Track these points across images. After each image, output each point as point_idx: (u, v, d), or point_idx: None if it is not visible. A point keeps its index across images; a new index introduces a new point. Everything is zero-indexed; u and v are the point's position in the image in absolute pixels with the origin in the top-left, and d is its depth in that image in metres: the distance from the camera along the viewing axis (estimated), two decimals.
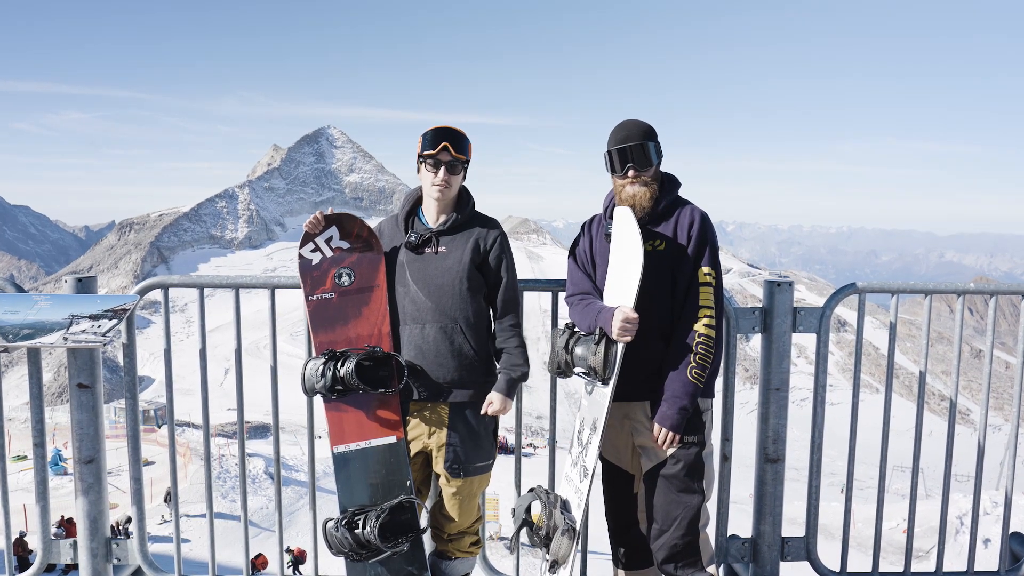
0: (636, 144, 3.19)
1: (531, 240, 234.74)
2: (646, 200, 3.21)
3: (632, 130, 3.22)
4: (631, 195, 3.21)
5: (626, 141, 3.21)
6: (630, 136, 3.21)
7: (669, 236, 3.21)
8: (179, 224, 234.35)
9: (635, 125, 3.22)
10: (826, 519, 8.20)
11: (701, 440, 3.20)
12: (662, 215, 3.25)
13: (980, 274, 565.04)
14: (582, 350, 3.17)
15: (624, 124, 3.27)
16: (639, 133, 3.21)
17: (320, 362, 3.29)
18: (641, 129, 3.22)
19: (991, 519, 16.00)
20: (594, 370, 3.12)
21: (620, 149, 3.20)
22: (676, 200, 3.30)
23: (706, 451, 3.23)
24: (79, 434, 3.68)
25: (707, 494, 3.26)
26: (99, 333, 3.38)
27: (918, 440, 3.82)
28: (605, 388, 3.15)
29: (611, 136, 3.27)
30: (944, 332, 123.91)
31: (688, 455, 3.17)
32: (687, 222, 3.21)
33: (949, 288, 3.74)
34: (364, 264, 3.42)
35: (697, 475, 3.19)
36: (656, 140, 3.25)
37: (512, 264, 3.41)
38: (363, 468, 3.38)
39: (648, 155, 3.21)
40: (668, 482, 3.18)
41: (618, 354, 3.08)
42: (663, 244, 3.20)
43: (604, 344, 3.08)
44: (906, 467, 3.85)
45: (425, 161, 3.28)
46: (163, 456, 27.44)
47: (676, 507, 3.17)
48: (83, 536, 3.77)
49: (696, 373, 3.10)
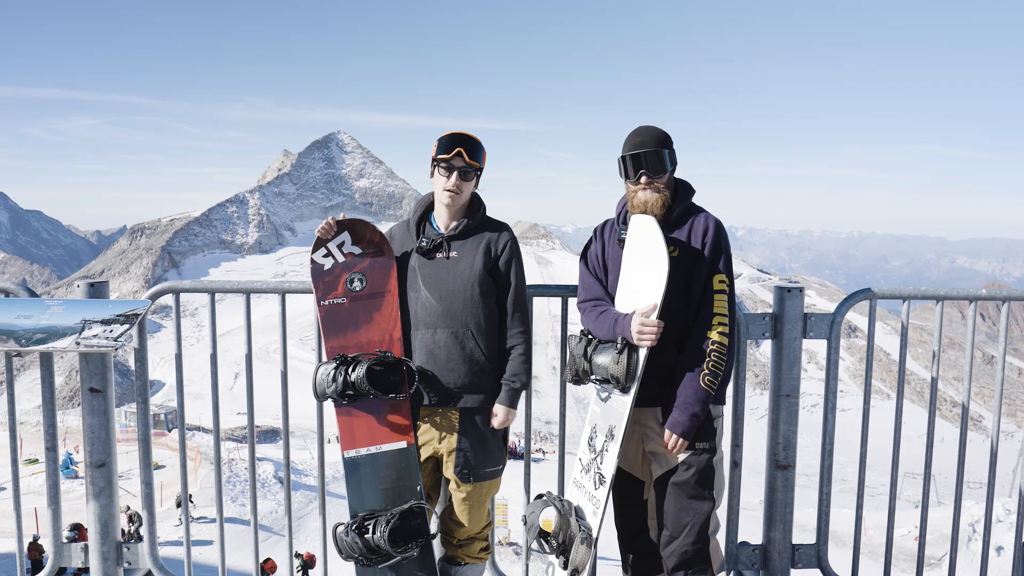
0: (650, 151, 3.15)
1: (540, 245, 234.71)
2: (657, 207, 3.19)
3: (646, 136, 3.18)
4: (643, 201, 3.20)
5: (640, 147, 3.17)
6: (644, 142, 3.18)
7: (683, 243, 3.19)
8: (190, 229, 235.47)
9: (649, 131, 3.19)
10: (837, 526, 8.16)
11: (712, 447, 3.19)
12: (676, 222, 3.23)
13: (992, 279, 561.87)
14: (603, 359, 3.15)
15: (639, 130, 3.23)
16: (653, 139, 3.18)
17: (331, 367, 3.29)
18: (655, 135, 3.19)
19: (1004, 527, 15.89)
20: (616, 378, 3.09)
21: (633, 155, 3.17)
22: (690, 207, 3.28)
23: (716, 457, 3.22)
24: (90, 438, 3.69)
25: (717, 501, 3.24)
26: (111, 337, 3.40)
27: (930, 447, 3.80)
28: (625, 396, 3.14)
29: (625, 142, 3.23)
30: (956, 338, 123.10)
31: (699, 462, 3.15)
32: (701, 229, 3.19)
33: (961, 294, 3.73)
34: (376, 269, 3.43)
35: (708, 482, 3.17)
36: (671, 147, 3.21)
37: (521, 269, 3.41)
38: (373, 473, 3.39)
39: (662, 162, 3.17)
40: (679, 489, 3.17)
41: (640, 362, 3.08)
42: (677, 251, 3.17)
43: (627, 353, 3.08)
44: (918, 474, 3.83)
45: (439, 165, 3.29)
46: (174, 460, 27.48)
47: (687, 514, 3.15)
48: (94, 540, 3.78)
49: (709, 380, 3.08)
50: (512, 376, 3.35)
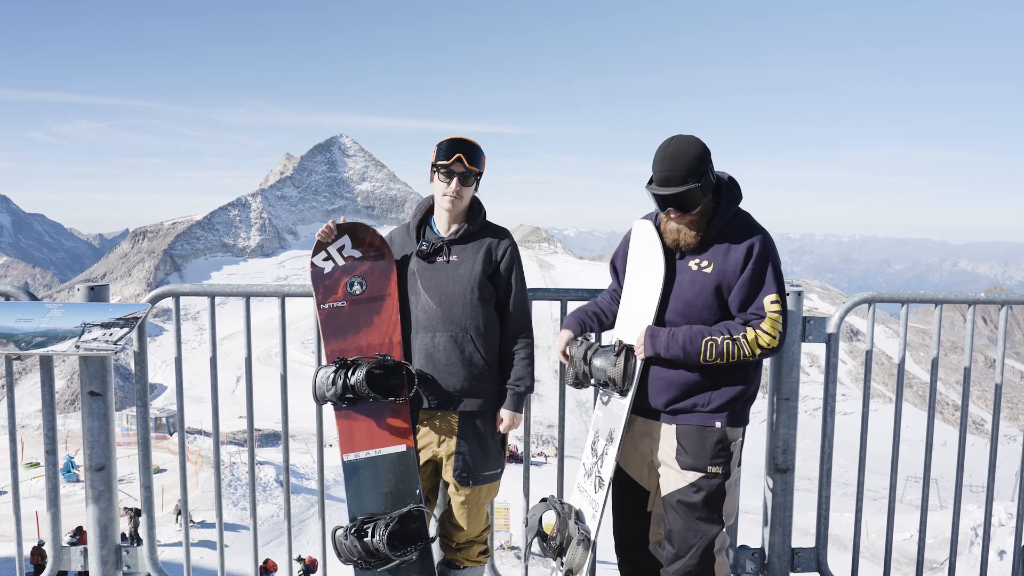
0: (680, 192, 2.84)
1: (542, 249, 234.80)
2: (691, 239, 2.98)
3: (675, 167, 2.84)
4: (674, 231, 3.00)
5: (667, 184, 2.85)
6: (671, 179, 2.84)
7: (720, 258, 2.97)
8: (192, 232, 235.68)
9: (678, 160, 2.84)
10: (837, 530, 8.14)
11: (726, 471, 3.08)
12: (717, 234, 2.99)
13: (994, 283, 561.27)
14: (601, 361, 3.14)
15: (667, 154, 2.87)
16: (682, 173, 2.83)
17: (331, 370, 3.29)
18: (686, 166, 2.83)
19: (1005, 531, 15.84)
20: (613, 381, 3.09)
21: (660, 196, 2.89)
22: (735, 219, 3.02)
23: (730, 481, 3.11)
24: (90, 441, 3.70)
25: (726, 522, 3.15)
26: (110, 341, 3.41)
27: (929, 450, 3.80)
28: (623, 400, 3.13)
29: (654, 163, 2.90)
30: (958, 341, 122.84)
31: (710, 485, 3.05)
32: (745, 246, 2.94)
33: (960, 298, 3.72)
34: (376, 273, 3.43)
35: (717, 505, 3.08)
36: (705, 174, 2.85)
37: (522, 275, 3.42)
38: (373, 476, 3.39)
39: (693, 200, 2.87)
40: (688, 509, 3.07)
41: (637, 365, 3.07)
42: (711, 266, 2.97)
43: (624, 356, 3.07)
44: (918, 477, 3.82)
45: (438, 171, 3.29)
46: (175, 463, 27.50)
47: (693, 535, 3.08)
48: (93, 543, 3.79)
49: (712, 349, 2.91)
50: (517, 380, 3.36)
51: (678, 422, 3.08)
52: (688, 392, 3.04)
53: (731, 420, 3.05)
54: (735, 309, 2.98)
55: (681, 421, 3.07)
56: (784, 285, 3.01)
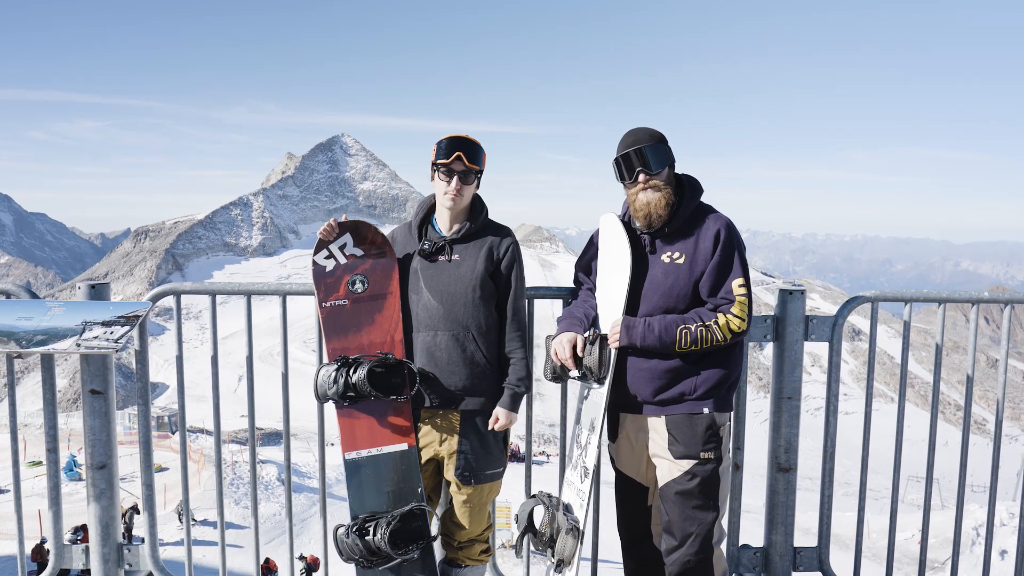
0: (645, 146, 3.06)
1: (544, 248, 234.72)
2: (661, 208, 3.07)
3: (639, 135, 3.10)
4: (645, 203, 3.08)
5: (634, 144, 3.08)
6: (638, 140, 3.08)
7: (690, 248, 3.09)
8: (194, 232, 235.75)
9: (642, 130, 3.11)
10: (839, 529, 8.14)
11: (718, 456, 3.13)
12: (683, 225, 3.13)
13: (997, 283, 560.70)
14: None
15: (631, 131, 3.14)
16: (647, 137, 3.08)
17: (332, 368, 3.29)
18: (649, 132, 3.10)
19: (1008, 530, 15.82)
20: (590, 369, 3.14)
21: (626, 155, 3.08)
22: (699, 208, 3.16)
23: (723, 466, 3.16)
24: (91, 440, 3.70)
25: (722, 509, 3.20)
26: (111, 339, 3.41)
27: (932, 450, 3.79)
28: (601, 388, 3.17)
29: (619, 145, 3.15)
30: (960, 341, 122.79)
31: (704, 471, 3.10)
32: (711, 233, 3.07)
33: (962, 297, 3.71)
34: (378, 271, 3.43)
35: (712, 491, 3.13)
36: (666, 144, 3.11)
37: (522, 274, 3.42)
38: (374, 475, 3.38)
39: (659, 156, 3.07)
40: (683, 498, 3.12)
41: (613, 354, 3.12)
42: (682, 257, 3.09)
43: (599, 344, 3.12)
44: (921, 477, 3.82)
45: (439, 170, 3.28)
46: (177, 462, 27.54)
47: (691, 524, 3.12)
48: (95, 541, 3.79)
49: (686, 337, 3.01)
50: (516, 379, 3.36)
51: (667, 413, 3.14)
52: (674, 380, 3.11)
53: (718, 405, 3.12)
54: (706, 294, 3.08)
55: (670, 412, 3.13)
56: (748, 269, 3.10)
